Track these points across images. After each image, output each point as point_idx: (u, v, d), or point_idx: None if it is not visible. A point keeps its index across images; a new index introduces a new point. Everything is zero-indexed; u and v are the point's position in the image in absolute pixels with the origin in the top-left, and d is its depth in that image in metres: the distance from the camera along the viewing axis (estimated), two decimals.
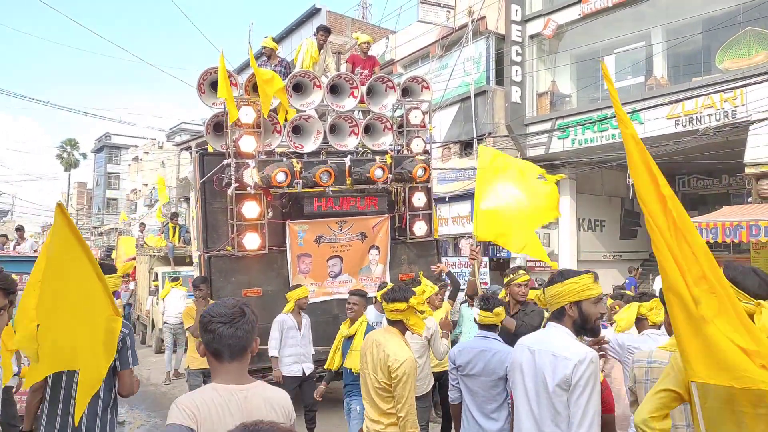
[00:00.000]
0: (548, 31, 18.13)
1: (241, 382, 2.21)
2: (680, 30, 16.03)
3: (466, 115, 19.59)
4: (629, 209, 22.10)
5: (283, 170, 7.20)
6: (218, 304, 2.31)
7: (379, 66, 9.74)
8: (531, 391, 2.75)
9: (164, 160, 45.44)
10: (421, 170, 8.07)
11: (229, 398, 2.15)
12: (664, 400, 2.30)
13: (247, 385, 2.23)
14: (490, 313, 3.98)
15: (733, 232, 12.39)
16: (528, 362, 2.78)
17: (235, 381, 2.20)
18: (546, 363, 2.69)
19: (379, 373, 3.85)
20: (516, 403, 2.87)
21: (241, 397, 2.16)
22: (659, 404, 2.29)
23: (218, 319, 2.19)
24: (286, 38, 28.88)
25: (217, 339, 2.17)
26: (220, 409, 2.11)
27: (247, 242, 7.48)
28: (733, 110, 14.01)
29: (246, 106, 7.51)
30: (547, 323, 2.92)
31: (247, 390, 2.21)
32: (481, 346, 3.94)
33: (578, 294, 2.73)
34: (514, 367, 2.91)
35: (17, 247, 14.28)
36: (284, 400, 2.33)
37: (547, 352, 2.71)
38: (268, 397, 2.26)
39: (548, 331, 2.83)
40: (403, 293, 3.89)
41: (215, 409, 2.10)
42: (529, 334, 3.07)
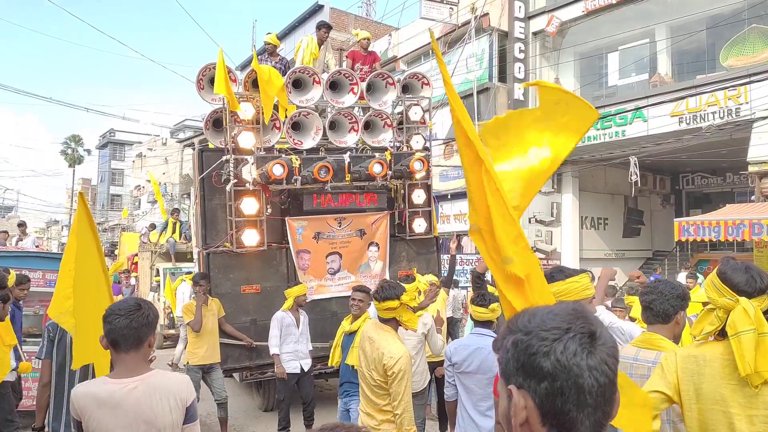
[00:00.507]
0: (551, 28, 18.05)
1: (136, 373, 2.42)
2: (684, 27, 15.95)
3: (469, 112, 19.49)
4: (632, 207, 22.03)
5: (279, 163, 7.17)
6: (121, 301, 2.61)
7: (379, 61, 9.70)
8: None
9: (168, 156, 45.47)
10: (418, 164, 8.03)
11: (114, 391, 2.37)
12: (653, 401, 2.27)
13: (141, 375, 2.42)
14: (485, 309, 3.95)
15: (736, 231, 12.34)
16: None
17: (129, 371, 2.41)
18: None
19: (373, 371, 3.86)
20: None
21: (129, 389, 2.37)
22: None
23: (117, 312, 2.42)
24: (289, 35, 28.84)
25: (114, 330, 2.40)
26: (103, 404, 2.35)
27: (245, 239, 7.46)
28: (737, 108, 13.93)
29: (245, 102, 7.49)
30: None
31: (141, 380, 2.40)
32: (477, 343, 3.90)
33: (580, 293, 2.70)
34: None
35: (19, 242, 14.33)
36: (178, 386, 2.48)
37: None
38: (160, 386, 2.42)
39: None
40: (394, 291, 3.89)
41: (96, 404, 2.34)
42: None
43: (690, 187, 23.06)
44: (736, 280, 2.17)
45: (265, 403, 8.29)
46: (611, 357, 1.07)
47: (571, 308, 1.12)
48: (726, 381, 2.16)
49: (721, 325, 2.19)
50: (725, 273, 2.21)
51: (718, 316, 2.20)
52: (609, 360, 1.06)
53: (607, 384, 1.05)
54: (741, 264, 2.25)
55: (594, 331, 1.07)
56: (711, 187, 22.22)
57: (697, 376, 2.23)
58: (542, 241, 19.47)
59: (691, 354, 2.30)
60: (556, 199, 19.74)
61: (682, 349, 2.42)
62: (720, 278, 2.21)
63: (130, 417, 2.36)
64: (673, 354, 2.36)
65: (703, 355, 2.25)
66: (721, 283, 2.19)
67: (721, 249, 19.16)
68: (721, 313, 2.19)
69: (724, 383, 2.17)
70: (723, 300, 2.17)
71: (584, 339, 1.06)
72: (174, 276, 13.09)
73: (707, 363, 2.23)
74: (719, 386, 2.17)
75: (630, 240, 22.17)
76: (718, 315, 2.20)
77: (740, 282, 2.17)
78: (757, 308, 2.12)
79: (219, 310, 7.15)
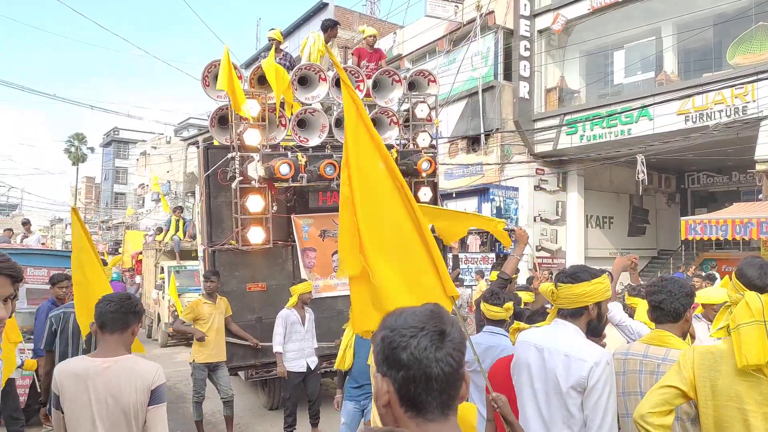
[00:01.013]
0: (557, 25, 17.99)
1: (113, 354, 2.71)
2: (691, 25, 15.87)
3: (474, 111, 19.48)
4: (637, 206, 21.97)
5: (286, 162, 7.12)
6: (114, 292, 3.05)
7: (385, 59, 9.64)
8: (540, 392, 2.62)
9: (172, 155, 45.50)
10: (426, 163, 7.99)
11: (90, 367, 2.66)
12: (666, 396, 2.27)
13: (116, 357, 2.71)
14: (499, 308, 3.89)
15: (744, 229, 12.29)
16: (536, 361, 2.65)
17: (108, 352, 2.72)
18: (558, 363, 2.55)
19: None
20: (522, 404, 2.74)
21: (102, 367, 2.66)
22: (661, 400, 2.26)
23: (109, 299, 2.82)
24: (294, 33, 28.84)
25: (104, 313, 2.75)
26: (78, 377, 2.65)
27: (251, 236, 7.42)
28: (744, 106, 13.86)
29: (251, 99, 7.44)
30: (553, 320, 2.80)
31: (115, 361, 2.69)
32: (489, 341, 3.84)
33: (602, 294, 2.64)
34: (519, 366, 2.76)
35: (24, 240, 14.34)
36: (146, 371, 2.72)
37: (559, 352, 2.57)
38: (129, 368, 2.69)
39: (555, 328, 2.69)
40: None
41: (73, 378, 2.65)
42: (530, 330, 2.91)
43: (695, 186, 22.98)
44: (750, 275, 2.20)
45: (270, 401, 8.26)
46: (457, 351, 1.31)
47: (429, 310, 1.36)
48: (742, 378, 2.15)
49: None
50: (741, 269, 2.23)
51: (732, 313, 2.21)
52: (454, 353, 1.30)
53: (452, 372, 1.29)
54: (758, 260, 2.26)
55: (444, 329, 1.31)
56: (717, 186, 22.14)
57: (714, 372, 2.22)
58: (547, 240, 19.42)
59: (709, 350, 2.29)
60: (562, 198, 19.69)
61: (701, 346, 2.42)
62: (737, 275, 2.23)
63: (99, 392, 2.62)
64: (692, 350, 2.35)
65: (720, 351, 2.25)
66: (736, 280, 2.21)
67: (726, 248, 19.08)
68: (735, 309, 2.20)
69: (740, 380, 2.16)
70: (735, 296, 2.19)
71: (435, 336, 1.29)
72: (179, 274, 13.06)
73: (724, 359, 2.22)
74: (735, 383, 2.17)
75: (635, 239, 22.11)
76: (732, 312, 2.21)
77: (753, 276, 2.19)
78: (766, 302, 2.12)
79: (227, 309, 7.11)
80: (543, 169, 19.21)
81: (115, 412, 2.63)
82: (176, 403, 8.96)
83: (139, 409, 2.66)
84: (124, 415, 2.64)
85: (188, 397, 8.20)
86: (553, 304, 2.72)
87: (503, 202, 18.81)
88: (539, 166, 19.12)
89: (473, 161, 19.58)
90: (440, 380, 1.28)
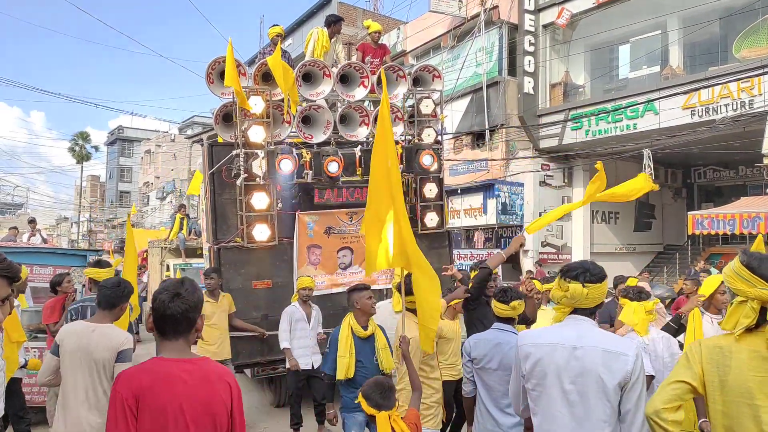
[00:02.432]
0: (562, 20, 17.90)
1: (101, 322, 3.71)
2: (696, 18, 15.77)
3: (479, 106, 19.41)
4: (643, 201, 21.86)
5: (287, 158, 7.10)
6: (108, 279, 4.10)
7: (389, 54, 9.59)
8: (573, 393, 2.53)
9: (176, 152, 45.57)
10: (428, 158, 7.95)
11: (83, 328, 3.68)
12: (677, 391, 2.25)
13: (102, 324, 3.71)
14: (506, 306, 3.88)
15: (751, 224, 12.23)
16: (566, 361, 2.56)
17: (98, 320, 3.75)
18: (597, 361, 2.48)
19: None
20: (547, 406, 2.62)
21: (89, 330, 3.65)
22: (673, 396, 2.24)
23: (104, 283, 3.91)
24: (297, 30, 28.81)
25: (100, 294, 3.83)
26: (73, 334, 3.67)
27: (256, 233, 7.39)
28: (750, 100, 13.77)
29: (255, 96, 7.41)
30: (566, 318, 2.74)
31: (98, 327, 3.66)
32: (498, 338, 3.81)
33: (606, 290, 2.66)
34: (544, 368, 2.63)
35: (32, 238, 14.38)
36: (117, 336, 3.62)
37: (596, 349, 2.50)
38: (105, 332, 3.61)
39: (578, 325, 2.62)
40: None
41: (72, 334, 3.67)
42: (545, 331, 2.80)
43: (702, 181, 22.87)
44: (765, 271, 2.15)
45: (276, 399, 8.24)
46: (184, 303, 2.28)
47: (180, 280, 2.37)
48: (753, 373, 2.13)
49: (755, 317, 2.15)
50: (753, 265, 2.18)
51: (752, 308, 2.16)
52: (181, 305, 2.27)
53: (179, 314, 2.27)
54: (765, 255, 2.23)
55: (179, 292, 2.29)
56: (723, 181, 22.03)
57: (723, 367, 2.20)
58: (553, 236, 19.37)
59: (717, 344, 2.26)
60: (567, 193, 19.62)
61: (707, 339, 2.36)
62: (749, 269, 2.17)
63: (82, 346, 3.53)
64: (698, 344, 2.32)
65: (729, 346, 2.22)
66: (751, 274, 2.16)
67: (733, 243, 18.99)
68: (755, 304, 2.15)
69: (751, 375, 2.14)
70: (756, 290, 2.13)
71: (171, 294, 2.27)
72: (184, 272, 13.05)
73: (733, 354, 2.19)
74: (746, 379, 2.14)
75: (641, 234, 22.02)
76: (753, 306, 2.16)
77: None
78: None
79: (230, 306, 7.09)
80: (548, 164, 19.14)
81: (90, 363, 3.51)
82: None
83: (107, 364, 3.52)
84: (95, 366, 3.52)
85: None
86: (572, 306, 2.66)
87: (508, 197, 18.75)
88: (544, 162, 19.05)
89: (478, 157, 19.53)
90: (171, 318, 2.27)
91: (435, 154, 8.21)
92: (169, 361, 2.26)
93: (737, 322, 2.21)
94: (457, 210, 19.98)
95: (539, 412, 2.65)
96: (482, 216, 19.29)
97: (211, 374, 2.31)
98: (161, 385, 2.17)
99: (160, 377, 2.20)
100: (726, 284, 2.31)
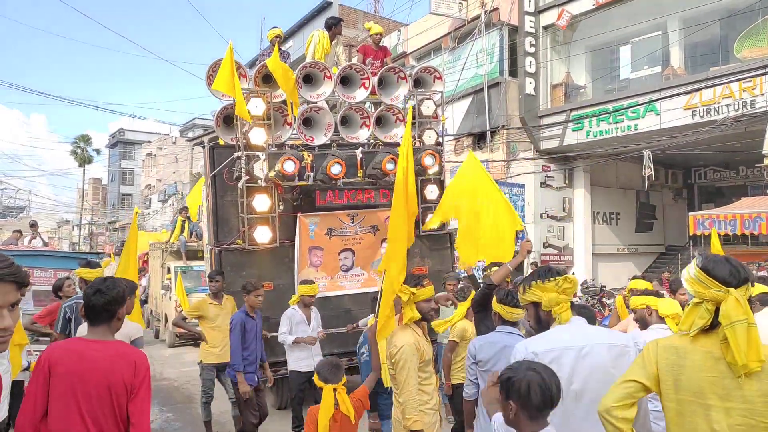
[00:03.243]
0: (562, 21, 17.90)
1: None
2: (697, 19, 15.76)
3: (479, 108, 19.41)
4: (644, 202, 21.86)
5: (290, 158, 7.09)
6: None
7: (390, 56, 9.59)
8: (582, 392, 2.56)
9: (177, 155, 45.62)
10: (429, 159, 7.95)
11: None
12: (629, 390, 2.29)
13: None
14: (518, 309, 3.80)
15: (753, 224, 12.22)
16: (576, 362, 2.58)
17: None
18: (605, 358, 2.53)
19: (387, 362, 3.95)
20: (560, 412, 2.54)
21: None
22: (624, 394, 2.28)
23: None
24: (298, 32, 28.82)
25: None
26: None
27: (258, 236, 7.39)
28: (751, 100, 13.76)
29: (256, 98, 7.41)
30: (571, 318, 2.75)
31: None
32: (504, 341, 3.75)
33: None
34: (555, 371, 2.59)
35: (33, 241, 14.40)
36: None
37: (601, 346, 2.55)
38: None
39: (580, 324, 2.66)
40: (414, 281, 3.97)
41: None
42: (550, 336, 2.79)
43: (702, 181, 22.85)
44: (721, 273, 2.21)
45: (278, 401, 8.23)
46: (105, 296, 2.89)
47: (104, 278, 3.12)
48: (705, 373, 2.19)
49: (710, 318, 2.21)
50: (708, 267, 2.24)
51: (707, 309, 2.21)
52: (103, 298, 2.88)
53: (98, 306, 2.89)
54: (720, 257, 2.29)
55: (100, 288, 2.89)
56: (724, 181, 22.01)
57: (677, 367, 2.26)
58: (554, 237, 19.35)
59: (672, 345, 2.32)
60: (568, 195, 19.61)
61: (664, 339, 2.42)
62: (704, 272, 2.23)
63: None
64: (655, 344, 2.37)
65: (684, 346, 2.28)
66: (706, 276, 2.22)
67: (734, 243, 18.96)
68: (710, 305, 2.21)
69: (703, 375, 2.20)
70: (711, 292, 2.19)
71: (96, 290, 2.90)
72: (185, 274, 13.05)
73: (687, 355, 2.25)
74: (699, 378, 2.20)
75: (642, 235, 22.00)
76: (707, 308, 2.21)
77: (725, 274, 2.20)
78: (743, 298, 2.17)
79: (233, 309, 7.08)
80: (549, 165, 19.13)
81: None
82: (185, 404, 8.96)
83: None
84: None
85: (196, 397, 8.20)
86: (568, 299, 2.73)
87: (509, 199, 18.70)
88: (545, 163, 19.04)
89: (479, 158, 19.50)
90: (92, 308, 2.86)
91: (436, 155, 8.20)
92: (86, 341, 2.91)
93: (693, 323, 2.25)
94: None
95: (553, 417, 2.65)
96: None
97: (117, 354, 2.85)
98: (70, 358, 2.79)
99: (71, 352, 2.82)
100: (684, 286, 2.34)
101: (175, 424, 7.92)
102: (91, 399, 2.73)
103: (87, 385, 2.73)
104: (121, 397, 2.77)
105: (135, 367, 2.81)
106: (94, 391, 2.73)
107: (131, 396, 2.78)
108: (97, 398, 2.74)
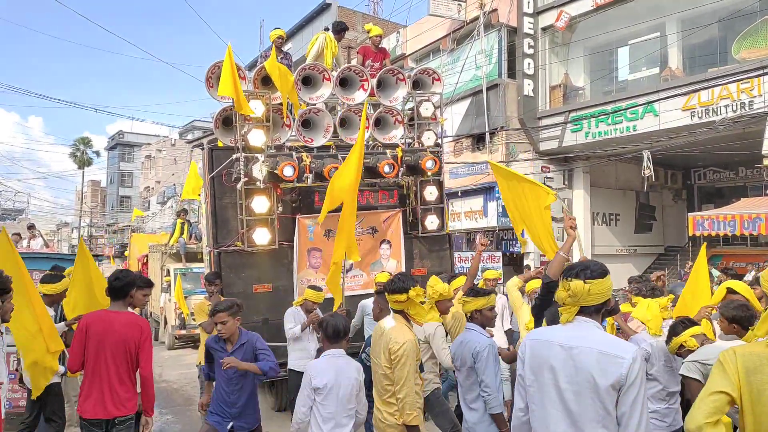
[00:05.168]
0: (561, 23, 17.92)
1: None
2: (695, 20, 15.78)
3: (478, 109, 19.43)
4: (644, 202, 21.86)
5: (290, 164, 7.09)
6: None
7: (389, 58, 9.60)
8: (568, 392, 2.52)
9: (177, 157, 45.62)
10: (430, 162, 7.95)
11: None
12: (717, 403, 2.15)
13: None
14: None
15: (752, 225, 12.22)
16: (563, 360, 2.55)
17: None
18: (592, 362, 2.46)
19: (382, 357, 3.93)
20: (542, 404, 2.63)
21: None
22: (714, 408, 2.14)
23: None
24: (297, 34, 28.84)
25: None
26: None
27: (257, 237, 7.39)
28: (750, 101, 13.77)
29: (255, 100, 7.41)
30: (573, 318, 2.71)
31: None
32: (461, 337, 4.19)
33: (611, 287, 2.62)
34: (539, 364, 2.65)
35: (32, 241, 14.43)
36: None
37: (591, 350, 2.48)
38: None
39: (579, 326, 2.60)
40: (402, 284, 3.94)
41: None
42: (548, 329, 2.83)
43: (702, 182, 22.86)
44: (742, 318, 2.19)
45: (278, 402, 8.23)
46: None
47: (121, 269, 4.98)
48: None
49: None
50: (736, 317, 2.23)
51: None
52: None
53: None
54: (740, 303, 2.23)
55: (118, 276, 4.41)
56: (723, 182, 22.02)
57: (761, 375, 2.12)
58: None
59: (753, 352, 2.18)
60: (567, 195, 19.61)
61: (740, 347, 2.27)
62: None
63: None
64: (732, 352, 2.23)
65: (766, 354, 2.15)
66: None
67: (734, 244, 18.99)
68: None
69: None
70: None
71: None
72: (185, 276, 13.05)
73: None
74: None
75: (642, 236, 22.01)
76: None
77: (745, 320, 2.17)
78: None
79: None
80: (548, 166, 19.13)
81: None
82: (184, 406, 8.96)
83: None
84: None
85: (196, 399, 8.19)
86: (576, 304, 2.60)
87: None
88: (544, 164, 19.05)
89: (478, 160, 19.52)
90: (113, 289, 4.32)
91: (435, 157, 8.21)
92: (109, 312, 4.36)
93: None
94: (458, 213, 19.98)
95: (536, 409, 2.64)
96: (483, 219, 19.29)
97: (129, 321, 4.33)
98: (99, 323, 4.25)
99: (100, 319, 4.29)
100: (762, 288, 2.23)
101: (174, 426, 7.92)
102: (113, 349, 4.20)
103: (110, 340, 4.20)
104: (132, 348, 4.27)
105: (141, 329, 4.34)
106: (115, 344, 4.21)
107: (139, 348, 4.29)
108: (117, 348, 4.21)
